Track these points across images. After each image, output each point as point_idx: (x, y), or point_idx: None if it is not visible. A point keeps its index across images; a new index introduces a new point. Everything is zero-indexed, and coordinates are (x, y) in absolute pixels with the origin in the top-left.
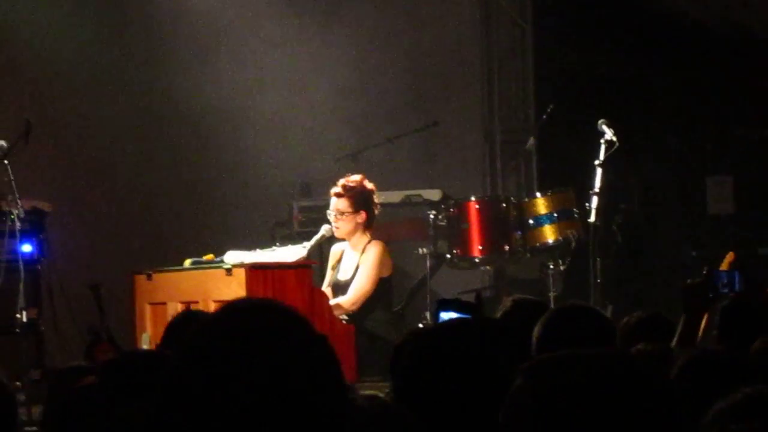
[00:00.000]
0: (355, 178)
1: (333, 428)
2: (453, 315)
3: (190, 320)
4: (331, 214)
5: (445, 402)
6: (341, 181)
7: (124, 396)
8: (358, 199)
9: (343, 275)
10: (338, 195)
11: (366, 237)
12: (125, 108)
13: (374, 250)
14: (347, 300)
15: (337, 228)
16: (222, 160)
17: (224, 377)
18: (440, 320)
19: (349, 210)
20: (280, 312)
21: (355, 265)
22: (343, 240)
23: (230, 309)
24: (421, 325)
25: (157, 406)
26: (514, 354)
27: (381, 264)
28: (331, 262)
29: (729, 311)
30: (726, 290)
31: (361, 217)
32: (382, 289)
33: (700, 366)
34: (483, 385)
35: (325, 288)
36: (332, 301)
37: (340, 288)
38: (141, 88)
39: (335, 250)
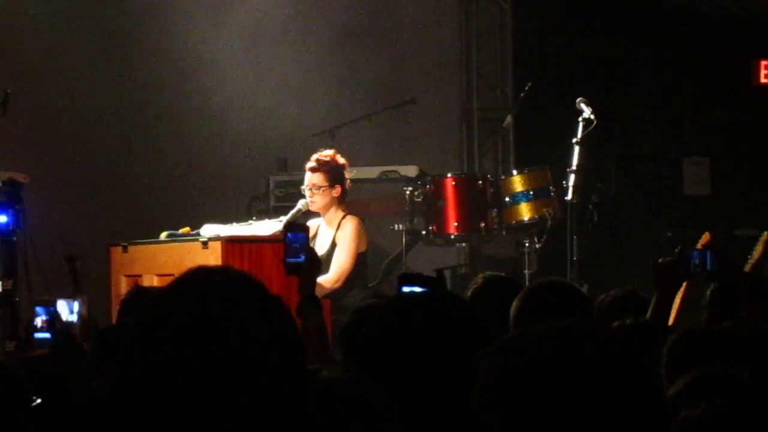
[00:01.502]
0: (328, 153)
1: (289, 386)
2: (416, 290)
3: (141, 296)
4: (306, 189)
5: (403, 376)
6: (315, 156)
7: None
8: (333, 173)
9: (318, 250)
10: (313, 170)
11: (341, 212)
12: (103, 80)
13: (350, 225)
14: (329, 279)
15: (312, 202)
16: (199, 135)
17: (179, 339)
18: None
19: (325, 184)
20: (235, 275)
21: (330, 239)
22: (318, 215)
23: (185, 275)
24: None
25: (117, 374)
26: (477, 328)
27: (358, 239)
28: None
29: (719, 293)
30: (699, 269)
31: (336, 191)
32: (358, 264)
33: (694, 341)
34: (442, 360)
35: None
36: None
37: None
38: (120, 61)
39: (311, 225)
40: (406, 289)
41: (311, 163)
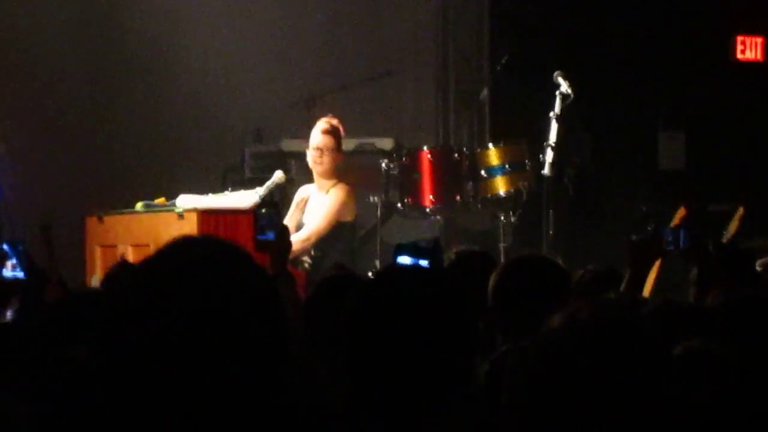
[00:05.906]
0: (336, 120)
1: (273, 360)
2: (409, 260)
3: (126, 271)
4: (312, 153)
5: (391, 350)
6: (326, 119)
7: (71, 335)
8: (340, 139)
9: (308, 217)
10: (326, 132)
11: (334, 179)
12: (80, 52)
13: (339, 192)
14: (299, 238)
15: (319, 164)
16: (175, 105)
17: (160, 308)
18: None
19: (335, 148)
20: (220, 245)
21: (319, 206)
22: (308, 182)
23: (170, 245)
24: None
25: (99, 341)
26: (464, 303)
27: (343, 207)
28: (296, 203)
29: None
30: (672, 247)
31: (339, 158)
32: (342, 232)
33: (668, 314)
34: (431, 335)
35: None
36: None
37: None
38: (95, 30)
39: (301, 192)
40: (401, 258)
41: (324, 125)
